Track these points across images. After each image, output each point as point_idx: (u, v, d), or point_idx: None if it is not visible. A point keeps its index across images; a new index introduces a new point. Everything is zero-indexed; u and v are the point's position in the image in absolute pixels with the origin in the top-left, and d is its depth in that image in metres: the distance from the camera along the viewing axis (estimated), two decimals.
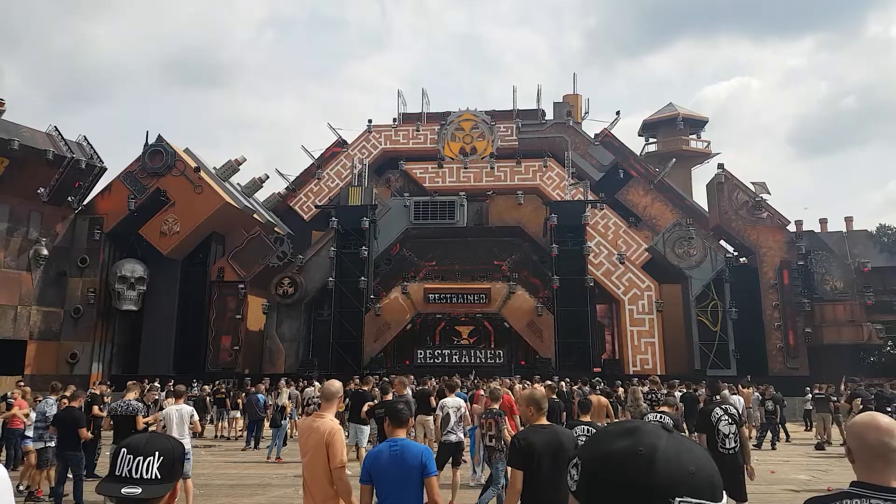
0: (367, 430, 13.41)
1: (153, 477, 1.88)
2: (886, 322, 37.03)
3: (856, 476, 2.41)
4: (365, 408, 12.66)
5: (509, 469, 4.90)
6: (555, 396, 13.77)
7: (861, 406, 12.98)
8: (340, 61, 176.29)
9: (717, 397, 8.78)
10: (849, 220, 35.92)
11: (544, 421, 5.03)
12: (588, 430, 7.55)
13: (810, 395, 22.22)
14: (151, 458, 1.90)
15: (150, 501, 1.87)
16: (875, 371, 43.59)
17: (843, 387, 22.67)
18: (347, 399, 14.62)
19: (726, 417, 7.90)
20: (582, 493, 1.16)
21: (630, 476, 1.10)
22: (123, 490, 1.85)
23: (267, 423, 18.80)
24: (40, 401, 12.84)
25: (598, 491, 1.13)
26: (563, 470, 4.50)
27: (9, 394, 13.98)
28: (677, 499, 1.07)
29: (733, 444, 7.74)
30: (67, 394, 12.17)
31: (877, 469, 2.35)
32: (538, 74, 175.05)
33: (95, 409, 12.69)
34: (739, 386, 21.61)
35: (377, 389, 14.36)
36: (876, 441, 2.36)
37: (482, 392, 15.08)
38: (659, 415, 8.06)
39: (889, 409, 8.64)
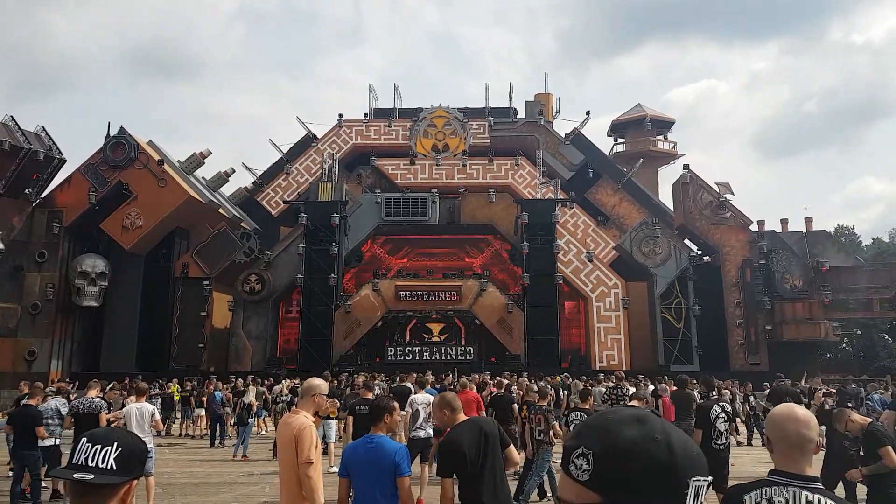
0: (333, 423, 13.46)
1: (108, 467, 1.85)
2: (843, 320, 38.16)
3: (774, 465, 2.55)
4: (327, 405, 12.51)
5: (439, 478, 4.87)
6: (503, 391, 13.97)
7: (822, 400, 13.29)
8: (312, 56, 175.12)
9: (714, 394, 8.97)
10: (809, 220, 36.84)
11: (462, 417, 5.04)
12: (581, 416, 7.81)
13: (768, 391, 22.62)
14: (109, 448, 1.87)
15: (102, 490, 1.84)
16: (831, 367, 44.89)
17: (803, 381, 23.18)
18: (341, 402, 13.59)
19: (724, 415, 8.16)
20: (597, 482, 1.15)
21: (653, 462, 1.13)
22: (76, 475, 1.82)
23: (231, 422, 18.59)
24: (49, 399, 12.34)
25: (622, 479, 1.14)
26: (490, 453, 4.50)
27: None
28: (693, 479, 1.15)
29: (725, 441, 8.05)
30: (25, 390, 11.76)
31: (794, 458, 2.50)
32: (512, 74, 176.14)
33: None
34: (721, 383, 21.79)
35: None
36: (794, 432, 2.50)
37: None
38: (580, 412, 8.34)
39: (851, 405, 8.86)
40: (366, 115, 42.32)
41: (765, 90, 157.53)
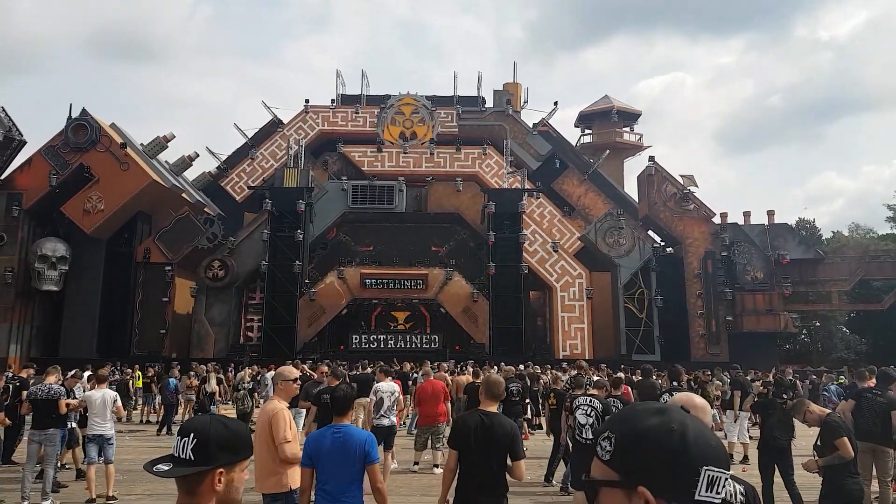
0: (303, 412, 13.45)
1: (187, 457, 1.90)
2: (802, 312, 39.12)
3: None
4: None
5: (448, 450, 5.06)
6: (477, 381, 14.16)
7: (760, 390, 13.73)
8: (279, 40, 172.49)
9: (675, 383, 9.07)
10: (771, 213, 37.52)
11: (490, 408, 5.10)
12: (592, 400, 7.94)
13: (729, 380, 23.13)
14: (187, 438, 1.92)
15: (186, 480, 1.90)
16: (790, 358, 46.06)
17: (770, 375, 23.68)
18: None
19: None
20: (617, 462, 1.30)
21: (666, 449, 1.26)
22: (154, 468, 1.90)
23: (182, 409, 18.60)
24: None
25: (637, 461, 1.28)
26: (490, 446, 4.53)
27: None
28: (705, 468, 1.25)
29: None
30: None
31: None
32: (480, 63, 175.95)
33: (24, 393, 12.07)
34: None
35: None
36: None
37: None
38: (590, 398, 8.28)
39: (785, 396, 9.16)
40: (333, 101, 41.96)
41: (730, 85, 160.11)
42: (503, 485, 4.77)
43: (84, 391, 11.72)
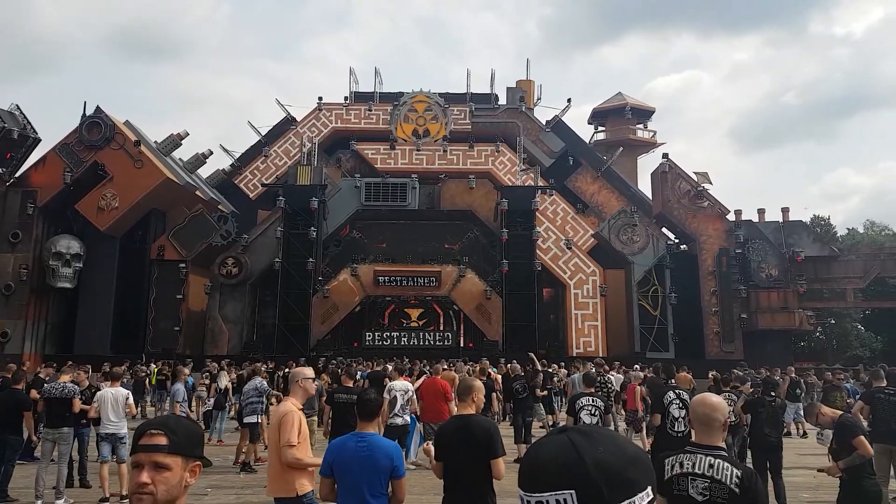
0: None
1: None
2: (817, 309, 38.72)
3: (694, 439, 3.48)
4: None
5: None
6: (484, 378, 14.07)
7: (750, 391, 13.69)
8: (299, 38, 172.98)
9: (672, 381, 9.05)
10: (785, 210, 37.21)
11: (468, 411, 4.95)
12: (592, 399, 7.89)
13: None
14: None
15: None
16: (805, 356, 45.69)
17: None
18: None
19: (678, 402, 8.21)
20: None
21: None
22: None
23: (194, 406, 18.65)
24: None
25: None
26: (469, 446, 4.46)
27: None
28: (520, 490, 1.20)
29: (683, 428, 8.07)
30: (9, 375, 11.54)
31: (703, 433, 3.40)
32: (496, 60, 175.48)
33: (33, 392, 12.12)
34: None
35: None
36: (702, 413, 3.39)
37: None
38: (591, 398, 8.42)
39: (774, 394, 9.09)
40: (346, 98, 41.94)
41: (746, 81, 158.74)
42: (489, 492, 4.54)
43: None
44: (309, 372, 5.71)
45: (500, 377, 17.62)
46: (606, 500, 1.11)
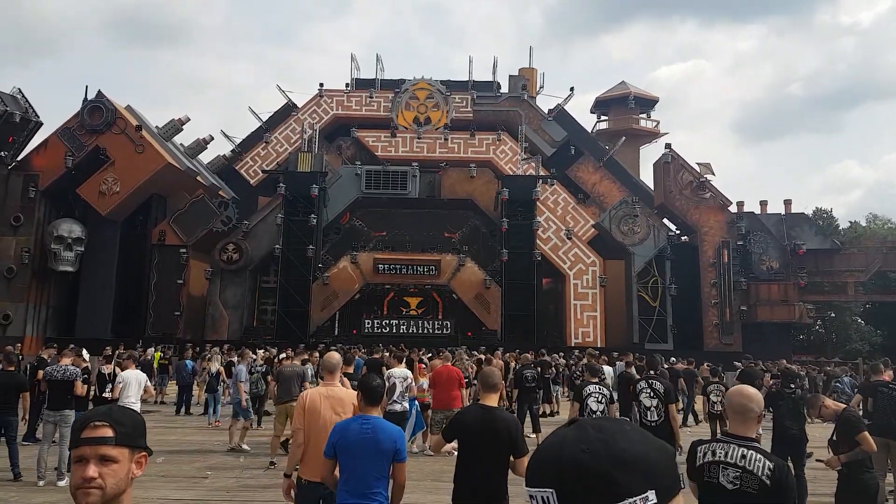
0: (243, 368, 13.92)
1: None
2: (817, 302, 38.75)
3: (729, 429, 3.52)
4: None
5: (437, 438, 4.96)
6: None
7: (770, 384, 13.83)
8: (299, 23, 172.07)
9: (653, 371, 9.09)
10: (788, 202, 37.12)
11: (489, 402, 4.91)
12: (599, 388, 7.97)
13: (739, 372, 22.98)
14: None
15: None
16: (804, 349, 45.76)
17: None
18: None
19: (649, 391, 8.24)
20: None
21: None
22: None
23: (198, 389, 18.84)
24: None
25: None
26: (491, 442, 4.43)
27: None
28: (527, 488, 1.15)
29: (656, 418, 8.10)
30: None
31: (738, 423, 3.45)
32: (498, 47, 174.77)
33: (39, 373, 12.25)
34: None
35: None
36: (738, 404, 3.44)
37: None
38: (598, 385, 8.46)
39: (794, 386, 9.10)
40: (347, 85, 41.82)
41: (749, 71, 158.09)
42: (503, 490, 4.52)
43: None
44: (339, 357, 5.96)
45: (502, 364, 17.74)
46: (585, 502, 1.06)
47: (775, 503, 3.20)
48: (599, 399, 7.97)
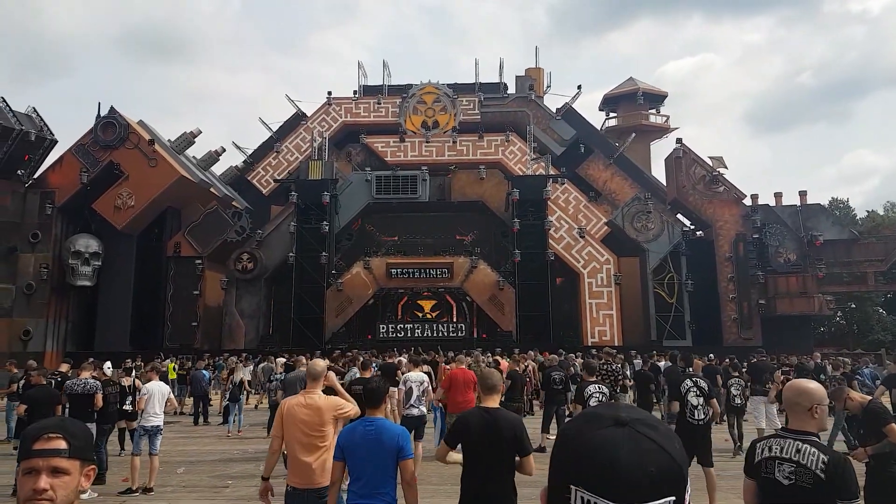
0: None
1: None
2: (837, 293, 38.30)
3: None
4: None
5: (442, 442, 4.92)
6: (518, 369, 14.07)
7: (781, 378, 13.77)
8: (306, 31, 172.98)
9: (690, 369, 9.09)
10: (803, 194, 36.73)
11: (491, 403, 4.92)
12: (599, 387, 8.00)
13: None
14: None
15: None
16: (825, 341, 45.25)
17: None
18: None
19: (695, 389, 8.27)
20: None
21: (555, 456, 1.19)
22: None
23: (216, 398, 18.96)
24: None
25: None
26: (494, 444, 4.43)
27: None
28: (573, 487, 1.07)
29: (702, 416, 8.15)
30: (32, 373, 11.75)
31: (794, 418, 3.46)
32: (504, 49, 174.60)
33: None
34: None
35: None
36: (788, 398, 3.48)
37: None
38: (597, 385, 8.58)
39: (822, 378, 9.04)
40: (355, 92, 42.00)
41: (759, 63, 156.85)
42: (511, 491, 4.51)
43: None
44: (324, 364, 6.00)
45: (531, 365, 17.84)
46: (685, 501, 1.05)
47: (832, 497, 3.15)
48: (600, 398, 8.05)
